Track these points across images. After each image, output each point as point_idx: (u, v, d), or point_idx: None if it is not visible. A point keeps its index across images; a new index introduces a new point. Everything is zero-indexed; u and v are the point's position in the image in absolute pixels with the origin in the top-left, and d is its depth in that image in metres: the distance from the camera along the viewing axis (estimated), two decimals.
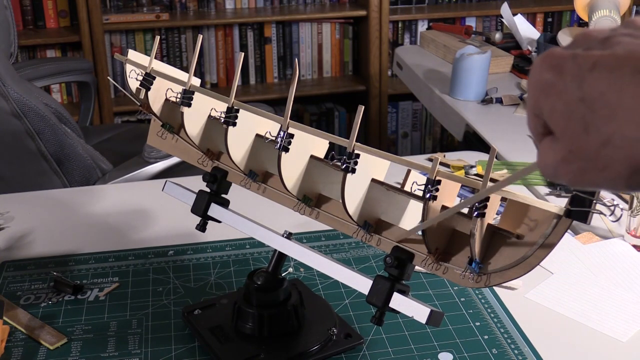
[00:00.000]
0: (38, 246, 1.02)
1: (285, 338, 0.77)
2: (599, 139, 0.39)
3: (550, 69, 0.42)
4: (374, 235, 0.69)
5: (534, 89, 0.43)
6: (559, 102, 0.41)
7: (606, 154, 0.40)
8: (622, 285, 0.89)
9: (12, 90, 1.45)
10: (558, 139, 0.42)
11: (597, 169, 0.40)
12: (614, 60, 0.40)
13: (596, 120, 0.39)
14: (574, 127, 0.40)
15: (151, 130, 0.87)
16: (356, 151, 0.66)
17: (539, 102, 0.43)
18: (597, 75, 0.40)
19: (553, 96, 0.42)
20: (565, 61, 0.42)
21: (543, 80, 0.42)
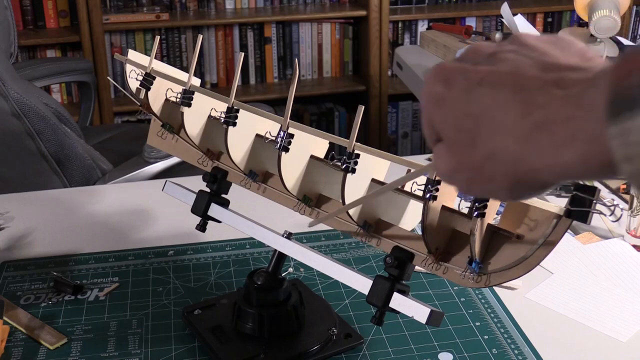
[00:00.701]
0: (38, 246, 1.02)
1: (285, 338, 0.77)
2: (484, 152, 0.41)
3: (440, 82, 0.44)
4: (374, 235, 0.69)
5: (426, 101, 0.45)
6: (449, 115, 0.43)
7: (490, 167, 0.41)
8: (622, 285, 0.89)
9: (12, 90, 1.45)
10: (448, 149, 0.44)
11: (482, 180, 0.43)
12: (497, 77, 0.41)
13: (481, 134, 0.41)
14: (462, 139, 0.43)
15: (151, 130, 0.87)
16: (356, 151, 0.66)
17: (430, 113, 0.45)
18: (483, 91, 0.42)
19: (443, 108, 0.44)
20: (454, 75, 0.44)
21: (434, 92, 0.44)
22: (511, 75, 0.41)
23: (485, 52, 0.44)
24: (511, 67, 0.42)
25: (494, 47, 0.44)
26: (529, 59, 0.42)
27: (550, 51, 0.42)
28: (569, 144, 0.37)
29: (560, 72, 0.40)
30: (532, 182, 0.41)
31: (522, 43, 0.44)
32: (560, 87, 0.39)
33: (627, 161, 0.34)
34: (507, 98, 0.40)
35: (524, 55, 0.42)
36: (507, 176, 0.41)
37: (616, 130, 0.34)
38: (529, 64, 0.41)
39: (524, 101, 0.40)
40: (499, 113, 0.40)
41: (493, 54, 0.44)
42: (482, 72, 0.42)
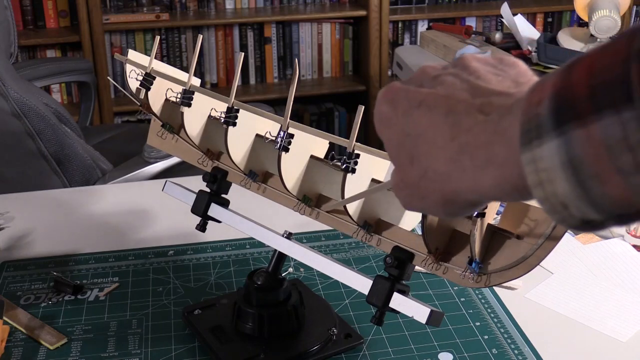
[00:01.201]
0: (38, 246, 1.02)
1: (285, 338, 0.77)
2: (419, 171, 0.44)
3: (387, 102, 0.47)
4: (374, 235, 0.69)
5: (375, 120, 0.48)
6: (393, 134, 0.46)
7: (424, 185, 0.44)
8: (622, 285, 0.89)
9: (12, 90, 1.45)
10: (394, 165, 0.47)
11: (419, 197, 0.45)
12: (434, 100, 0.44)
13: (418, 154, 0.44)
14: (402, 158, 0.45)
15: (151, 130, 0.87)
16: (356, 151, 0.66)
17: (380, 131, 0.47)
18: (421, 112, 0.44)
19: (389, 128, 0.46)
20: (399, 95, 0.46)
21: (381, 111, 0.47)
22: (445, 98, 0.43)
23: (430, 75, 0.46)
24: (447, 90, 0.44)
25: (439, 69, 0.47)
26: (464, 82, 0.44)
27: (486, 75, 0.44)
28: (487, 168, 0.39)
29: (487, 97, 0.42)
30: (460, 201, 0.43)
31: (463, 65, 0.46)
32: (484, 112, 0.41)
33: (538, 187, 0.36)
34: (439, 120, 0.43)
35: (461, 79, 0.44)
36: (438, 194, 0.43)
37: (528, 157, 0.36)
38: (462, 87, 0.43)
39: (452, 124, 0.42)
40: (432, 134, 0.43)
41: (436, 77, 0.46)
42: (422, 94, 0.44)
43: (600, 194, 0.34)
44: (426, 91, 0.44)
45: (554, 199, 0.36)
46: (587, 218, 0.36)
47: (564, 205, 0.36)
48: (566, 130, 0.34)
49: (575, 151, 0.34)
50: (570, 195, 0.35)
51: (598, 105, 0.33)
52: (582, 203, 0.35)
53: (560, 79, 0.35)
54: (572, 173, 0.34)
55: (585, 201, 0.35)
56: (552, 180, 0.35)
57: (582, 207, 0.35)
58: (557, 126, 0.34)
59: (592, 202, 0.35)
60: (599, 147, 0.33)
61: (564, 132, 0.34)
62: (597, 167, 0.34)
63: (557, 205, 0.36)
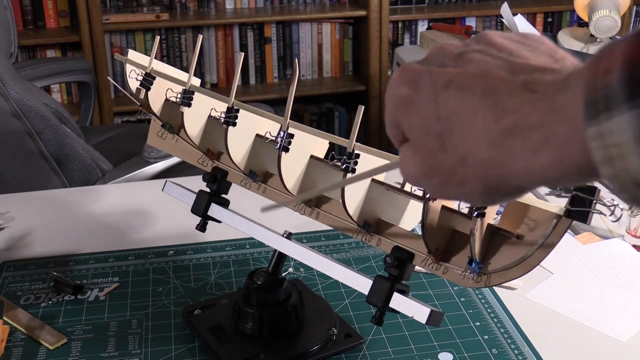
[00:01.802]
0: (38, 246, 1.02)
1: (285, 338, 0.77)
2: (455, 157, 0.40)
3: (406, 84, 0.43)
4: (374, 235, 0.69)
5: (392, 103, 0.44)
6: (417, 119, 0.42)
7: (462, 172, 0.40)
8: (622, 285, 0.89)
9: (12, 90, 1.45)
10: (417, 152, 0.42)
11: (454, 184, 0.41)
12: (465, 80, 0.40)
13: (452, 139, 0.40)
14: (431, 144, 0.41)
15: (151, 130, 0.87)
16: (356, 151, 0.66)
17: (397, 115, 0.43)
18: (451, 93, 0.40)
19: (411, 112, 0.42)
20: (421, 77, 0.42)
21: (400, 94, 0.43)
22: (480, 77, 0.40)
23: (452, 52, 0.43)
24: (479, 68, 0.40)
25: (461, 46, 0.43)
26: (497, 59, 0.40)
27: (519, 51, 0.41)
28: (543, 150, 0.36)
29: (530, 74, 0.39)
30: (506, 186, 0.40)
31: (489, 42, 0.42)
32: (531, 90, 0.38)
33: (607, 163, 0.33)
34: (476, 102, 0.39)
35: (491, 55, 0.41)
36: (480, 181, 0.40)
37: (594, 131, 0.33)
38: (497, 65, 0.40)
39: (493, 105, 0.38)
40: (469, 117, 0.39)
41: (460, 54, 0.42)
42: (450, 73, 0.41)
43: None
44: (453, 70, 0.41)
45: (625, 177, 0.33)
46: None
47: (636, 183, 0.33)
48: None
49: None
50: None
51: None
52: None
53: (633, 47, 0.32)
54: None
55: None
56: (624, 156, 0.32)
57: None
58: (631, 98, 0.32)
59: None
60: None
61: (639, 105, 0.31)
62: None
63: (629, 184, 0.33)
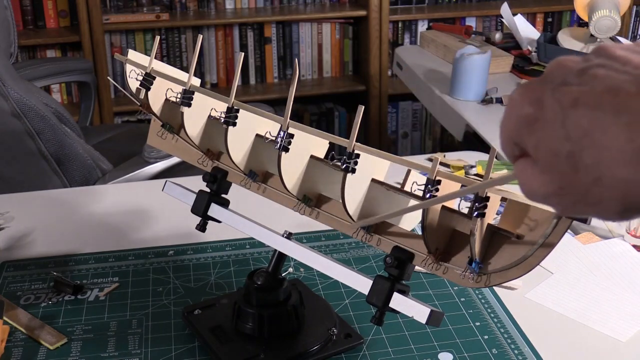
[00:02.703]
0: (38, 246, 1.02)
1: (285, 338, 0.77)
2: (589, 178, 0.39)
3: (530, 103, 0.42)
4: (374, 235, 0.69)
5: (514, 122, 0.43)
6: (544, 139, 0.41)
7: (597, 192, 0.39)
8: (622, 285, 0.89)
9: (12, 90, 1.45)
10: (545, 172, 0.42)
11: (588, 204, 0.40)
12: (593, 98, 0.39)
13: (584, 159, 0.39)
14: (562, 165, 0.40)
15: (151, 130, 0.87)
16: (356, 151, 0.66)
17: (520, 134, 0.43)
18: (580, 113, 0.39)
19: (536, 131, 0.41)
20: (545, 96, 0.41)
21: (524, 114, 0.42)
22: (608, 94, 0.39)
23: (574, 69, 0.41)
24: (606, 84, 0.39)
25: (581, 61, 0.42)
26: (623, 74, 0.39)
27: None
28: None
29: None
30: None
31: (610, 56, 0.41)
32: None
33: None
34: (608, 120, 0.38)
35: (616, 70, 0.40)
36: (617, 200, 0.39)
37: None
38: (625, 80, 0.39)
39: (627, 123, 0.37)
40: (602, 137, 0.38)
41: (582, 70, 0.41)
42: (575, 92, 0.40)
43: None
44: (579, 89, 0.40)
45: None
46: None
47: None
48: None
49: None
50: None
51: None
52: None
53: None
54: None
55: None
56: None
57: None
58: None
59: None
60: None
61: None
62: None
63: None
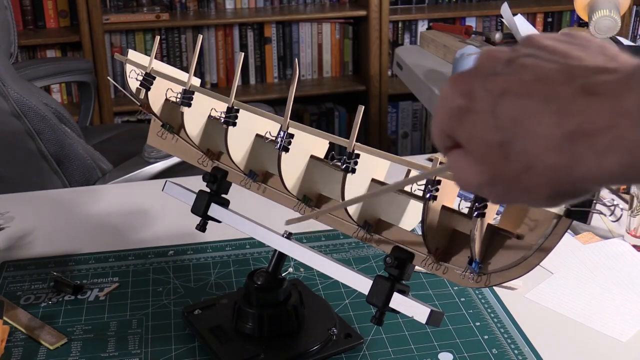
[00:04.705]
0: (38, 246, 1.02)
1: (285, 338, 0.77)
2: (520, 165, 0.40)
3: (461, 94, 0.42)
4: (374, 235, 0.69)
5: (446, 114, 0.43)
6: (475, 129, 0.42)
7: (528, 179, 0.40)
8: (622, 285, 0.89)
9: (12, 90, 1.45)
10: (477, 162, 0.42)
11: (519, 191, 0.41)
12: (522, 87, 0.40)
13: (515, 147, 0.40)
14: (494, 155, 0.41)
15: (151, 130, 0.87)
16: (356, 151, 0.66)
17: (452, 126, 0.43)
18: (509, 102, 0.40)
19: (467, 122, 0.42)
20: (475, 87, 0.42)
21: (455, 105, 0.42)
22: (537, 83, 0.39)
23: (502, 59, 0.42)
24: (534, 73, 0.40)
25: (509, 52, 0.42)
26: (551, 62, 0.40)
27: (571, 52, 0.40)
28: (611, 153, 0.36)
29: (587, 76, 0.38)
30: (573, 189, 0.40)
31: (538, 45, 0.41)
32: (592, 93, 0.37)
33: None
34: (537, 108, 0.39)
35: (543, 59, 0.40)
36: (547, 186, 0.40)
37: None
38: (552, 68, 0.39)
39: (555, 111, 0.38)
40: (530, 124, 0.39)
41: (511, 60, 0.41)
42: (505, 81, 0.40)
43: None
44: (508, 78, 0.40)
45: None
46: None
47: None
48: None
49: None
50: None
51: None
52: None
53: None
54: None
55: None
56: None
57: None
58: None
59: None
60: None
61: None
62: None
63: None
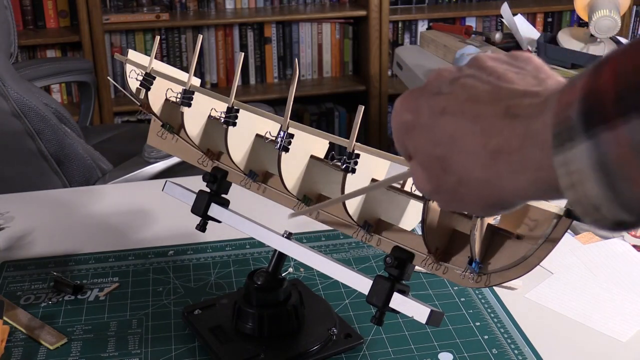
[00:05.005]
0: (38, 246, 1.02)
1: (285, 338, 0.77)
2: (455, 179, 0.44)
3: (409, 111, 0.46)
4: (374, 235, 0.69)
5: (397, 128, 0.48)
6: (420, 144, 0.46)
7: (461, 191, 0.44)
8: (622, 285, 0.89)
9: (12, 90, 1.45)
10: (425, 172, 0.46)
11: (457, 201, 0.45)
12: (457, 106, 0.43)
13: (450, 162, 0.44)
14: (434, 167, 0.45)
15: (151, 130, 0.87)
16: (356, 151, 0.66)
17: (402, 139, 0.47)
18: (446, 119, 0.44)
19: (414, 136, 0.46)
20: (420, 104, 0.46)
21: (404, 121, 0.47)
22: (468, 102, 0.43)
23: (447, 78, 0.45)
24: (469, 94, 0.43)
25: (455, 72, 0.46)
26: (485, 84, 0.43)
27: (506, 74, 0.43)
28: (522, 172, 0.39)
29: (512, 99, 0.41)
30: (501, 202, 0.43)
31: (480, 66, 0.45)
32: (512, 115, 0.40)
33: (570, 189, 0.36)
34: (467, 127, 0.42)
35: (481, 80, 0.44)
36: (479, 198, 0.43)
37: (560, 159, 0.36)
38: (485, 90, 0.43)
39: (482, 130, 0.41)
40: (462, 142, 0.42)
41: (453, 80, 0.45)
42: (445, 100, 0.44)
43: (630, 195, 0.34)
44: (447, 97, 0.44)
45: (586, 201, 0.36)
46: (619, 220, 0.36)
47: (595, 207, 0.36)
48: (595, 133, 0.34)
49: (604, 154, 0.34)
50: (601, 198, 0.35)
51: (625, 109, 0.33)
52: (613, 205, 0.35)
53: (588, 81, 0.35)
54: (602, 175, 0.34)
55: (616, 203, 0.35)
56: (583, 182, 0.35)
57: (613, 209, 0.35)
58: (587, 129, 0.35)
59: (623, 204, 0.35)
60: (627, 149, 0.33)
61: (593, 135, 0.34)
62: (627, 169, 0.34)
63: (589, 207, 0.36)
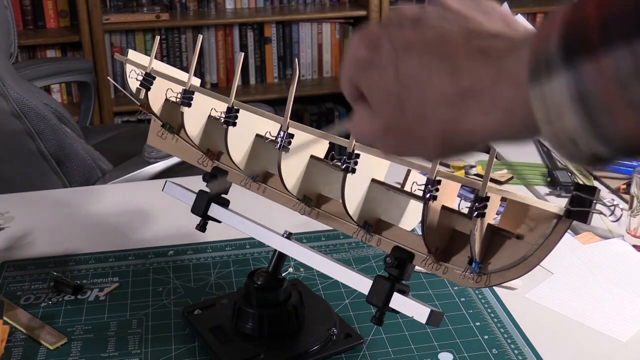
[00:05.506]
0: (38, 246, 1.02)
1: (285, 338, 0.77)
2: (414, 117, 0.43)
3: (367, 46, 0.45)
4: (374, 235, 0.69)
5: (352, 64, 0.46)
6: (377, 80, 0.44)
7: (420, 130, 0.43)
8: (622, 285, 0.89)
9: (12, 90, 1.45)
10: (375, 111, 0.45)
11: (411, 142, 0.44)
12: (424, 44, 0.43)
13: (410, 99, 0.43)
14: (390, 105, 0.44)
15: (151, 130, 0.87)
16: (356, 151, 0.66)
17: (356, 75, 0.46)
18: (410, 57, 0.43)
19: (371, 73, 0.45)
20: (381, 40, 0.45)
21: (360, 56, 0.46)
22: (438, 42, 0.42)
23: (409, 16, 0.45)
24: (437, 33, 0.43)
25: (419, 11, 0.45)
26: (454, 24, 0.43)
27: (475, 17, 0.43)
28: (493, 109, 0.39)
29: (484, 40, 0.41)
30: (462, 142, 0.43)
31: (445, 7, 0.44)
32: (484, 54, 0.40)
33: (547, 123, 0.36)
34: (434, 65, 0.42)
35: (449, 21, 0.43)
36: (437, 137, 0.43)
37: (536, 93, 0.36)
38: (454, 30, 0.42)
39: (451, 68, 0.41)
40: (427, 79, 0.42)
41: (418, 18, 0.44)
42: (409, 37, 0.43)
43: (609, 128, 0.34)
44: (413, 34, 0.43)
45: (563, 135, 0.36)
46: (596, 153, 0.35)
47: (572, 140, 0.35)
48: (576, 64, 0.33)
49: (585, 85, 0.33)
50: (579, 130, 0.35)
51: (609, 37, 0.32)
52: (591, 138, 0.34)
53: (569, 13, 0.34)
54: (581, 107, 0.34)
55: (594, 136, 0.34)
56: (561, 115, 0.35)
57: (591, 142, 0.35)
58: (567, 60, 0.34)
59: (601, 136, 0.34)
60: (610, 80, 0.32)
61: (574, 66, 0.34)
62: (608, 100, 0.33)
63: (566, 141, 0.36)
